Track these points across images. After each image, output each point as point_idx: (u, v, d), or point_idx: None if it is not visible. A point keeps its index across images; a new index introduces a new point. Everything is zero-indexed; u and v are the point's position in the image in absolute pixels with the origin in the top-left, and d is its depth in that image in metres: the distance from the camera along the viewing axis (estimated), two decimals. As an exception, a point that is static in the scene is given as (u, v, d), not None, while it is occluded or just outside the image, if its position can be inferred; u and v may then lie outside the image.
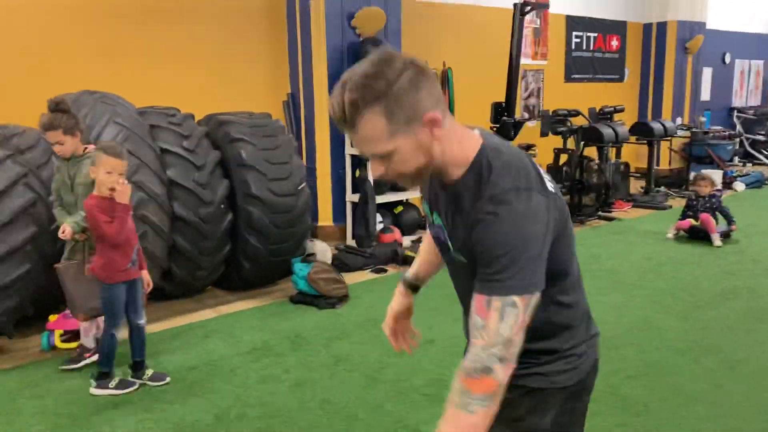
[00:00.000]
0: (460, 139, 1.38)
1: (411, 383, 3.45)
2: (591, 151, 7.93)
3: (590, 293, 1.61)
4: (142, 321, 3.40)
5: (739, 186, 9.46)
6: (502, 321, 1.26)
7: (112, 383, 3.33)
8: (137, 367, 3.42)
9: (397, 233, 6.20)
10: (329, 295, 4.71)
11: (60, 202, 3.54)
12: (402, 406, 3.21)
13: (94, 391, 3.33)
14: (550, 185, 1.41)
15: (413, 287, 1.89)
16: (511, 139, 7.20)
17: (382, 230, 6.20)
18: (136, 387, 3.37)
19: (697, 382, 3.41)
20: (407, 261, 5.66)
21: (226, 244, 4.71)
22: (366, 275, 5.49)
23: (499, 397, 1.28)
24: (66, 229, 3.32)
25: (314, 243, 5.44)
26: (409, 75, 1.26)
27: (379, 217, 6.25)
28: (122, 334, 3.38)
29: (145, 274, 3.45)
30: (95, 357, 3.61)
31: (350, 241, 6.34)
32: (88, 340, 3.70)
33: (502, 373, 1.27)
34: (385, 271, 5.59)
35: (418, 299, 1.91)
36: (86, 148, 3.49)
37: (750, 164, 11.52)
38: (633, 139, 8.82)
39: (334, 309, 4.63)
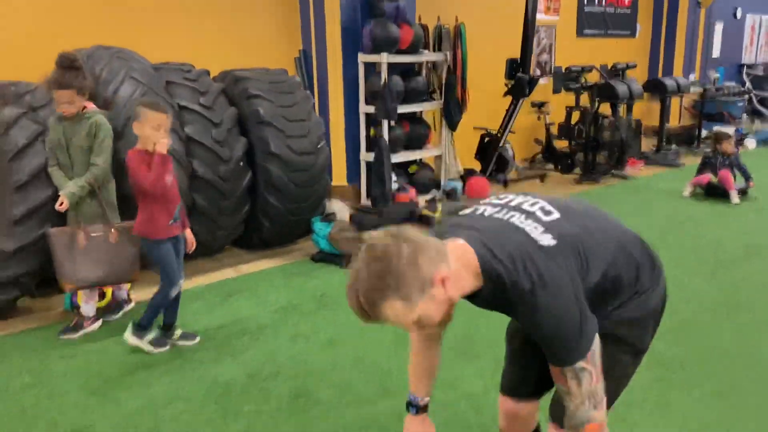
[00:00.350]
0: (462, 264, 1.41)
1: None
2: (603, 109, 7.81)
3: None
4: (181, 281, 3.33)
5: (751, 143, 9.38)
6: (581, 383, 1.43)
7: (148, 337, 3.29)
8: (168, 328, 3.37)
9: (412, 192, 6.13)
10: (350, 254, 4.66)
11: (56, 161, 3.41)
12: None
13: (128, 337, 3.28)
14: (548, 237, 1.44)
15: (425, 408, 1.83)
16: (526, 95, 7.08)
17: (398, 189, 6.12)
18: (167, 348, 3.33)
19: (732, 339, 3.39)
20: (423, 220, 5.60)
21: (246, 203, 4.63)
22: (384, 234, 5.43)
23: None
24: (63, 201, 3.24)
25: (332, 202, 5.36)
26: (406, 255, 1.32)
27: (393, 177, 6.16)
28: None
29: (189, 233, 3.38)
30: (96, 326, 3.56)
31: (364, 201, 6.26)
32: (88, 308, 3.58)
33: (600, 415, 1.47)
34: (403, 230, 5.52)
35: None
36: (84, 107, 3.35)
37: (758, 121, 11.42)
38: (646, 96, 8.69)
39: (356, 268, 4.58)
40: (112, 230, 3.37)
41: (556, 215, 1.52)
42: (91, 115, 3.34)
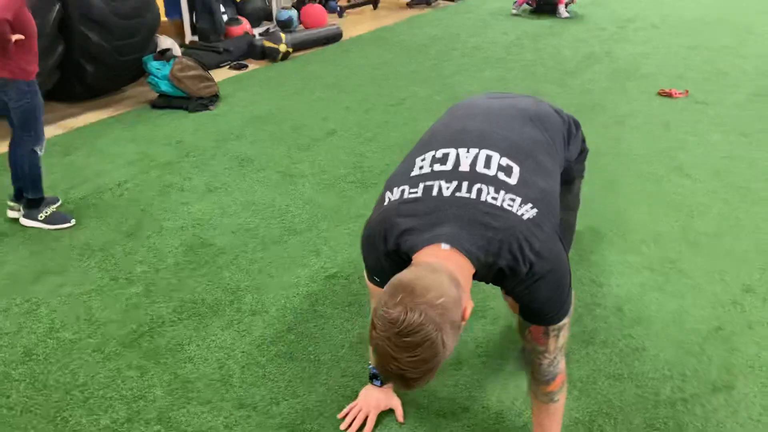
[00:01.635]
0: (463, 278, 1.21)
1: (330, 173, 3.21)
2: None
3: (468, 70, 1.55)
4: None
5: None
6: (558, 339, 1.40)
7: (42, 215, 2.71)
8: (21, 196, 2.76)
9: (246, 24, 5.52)
10: (198, 95, 4.13)
11: None
12: (328, 194, 2.99)
13: (24, 221, 2.71)
14: (527, 207, 1.28)
15: None
16: None
17: (229, 22, 5.47)
18: (71, 224, 2.75)
19: (598, 137, 3.57)
20: (268, 54, 5.11)
21: (58, 42, 3.81)
22: (226, 72, 4.88)
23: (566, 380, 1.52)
24: None
25: (161, 38, 4.64)
26: (441, 324, 1.09)
27: (221, 8, 5.47)
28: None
29: None
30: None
31: (190, 38, 5.53)
32: None
33: (564, 363, 1.48)
34: (246, 66, 5.01)
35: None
36: None
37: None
38: None
39: (208, 110, 4.09)
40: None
41: (516, 169, 1.34)
42: None
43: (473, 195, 1.27)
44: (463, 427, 1.75)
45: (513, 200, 1.27)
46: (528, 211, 1.27)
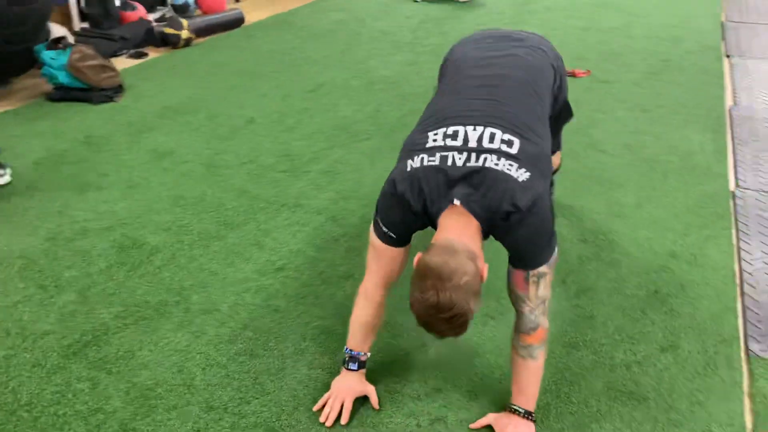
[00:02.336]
0: (474, 242, 1.50)
1: (257, 162, 3.12)
2: None
3: (380, 55, 1.70)
4: None
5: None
6: (539, 287, 1.56)
7: None
8: None
9: (141, 10, 5.21)
10: (101, 86, 3.87)
11: None
12: (260, 185, 2.91)
13: None
14: (522, 171, 1.51)
15: (364, 364, 1.80)
16: None
17: (122, 7, 5.14)
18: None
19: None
20: (169, 41, 4.86)
21: (-63, 32, 3.44)
22: (125, 61, 4.60)
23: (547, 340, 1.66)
24: None
25: (54, 26, 4.29)
26: (463, 298, 1.38)
27: (113, -8, 5.13)
28: None
29: None
30: None
31: (79, 25, 5.15)
32: None
33: (547, 322, 1.62)
34: (146, 54, 4.74)
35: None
36: None
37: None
38: None
39: (113, 102, 3.84)
40: None
41: (516, 142, 1.57)
42: None
43: (480, 163, 1.52)
44: (440, 408, 1.77)
45: (512, 165, 1.52)
46: (522, 174, 1.50)
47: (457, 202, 1.49)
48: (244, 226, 2.60)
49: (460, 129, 1.60)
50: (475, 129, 1.59)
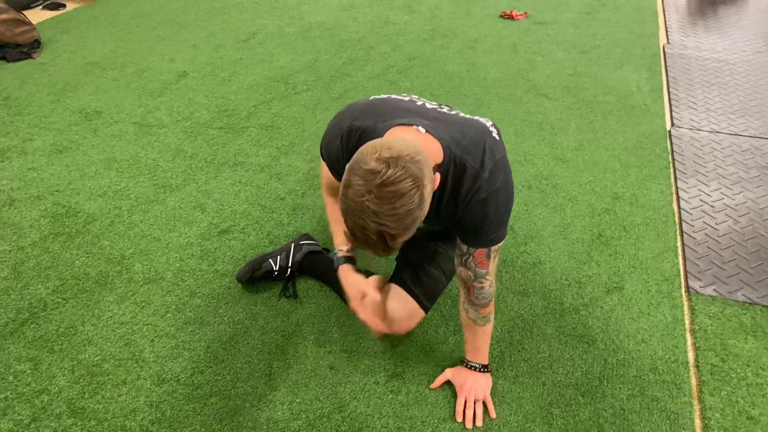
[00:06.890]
0: (425, 148, 1.23)
1: (193, 119, 2.99)
2: None
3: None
4: None
5: None
6: (494, 261, 1.49)
7: None
8: None
9: (54, -44, 4.84)
10: (16, 42, 3.60)
11: None
12: (196, 143, 2.80)
13: None
14: (492, 126, 1.42)
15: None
16: None
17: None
18: None
19: (456, 63, 3.65)
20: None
21: None
22: (40, 14, 4.29)
23: None
24: None
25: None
26: (420, 179, 1.10)
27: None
28: None
29: None
30: None
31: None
32: None
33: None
34: (63, 6, 4.43)
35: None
36: None
37: None
38: None
39: (31, 58, 3.59)
40: None
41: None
42: None
43: (447, 110, 1.44)
44: (397, 364, 1.78)
45: (479, 118, 1.45)
46: (491, 127, 1.42)
47: (422, 129, 1.29)
48: (183, 187, 2.51)
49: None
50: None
